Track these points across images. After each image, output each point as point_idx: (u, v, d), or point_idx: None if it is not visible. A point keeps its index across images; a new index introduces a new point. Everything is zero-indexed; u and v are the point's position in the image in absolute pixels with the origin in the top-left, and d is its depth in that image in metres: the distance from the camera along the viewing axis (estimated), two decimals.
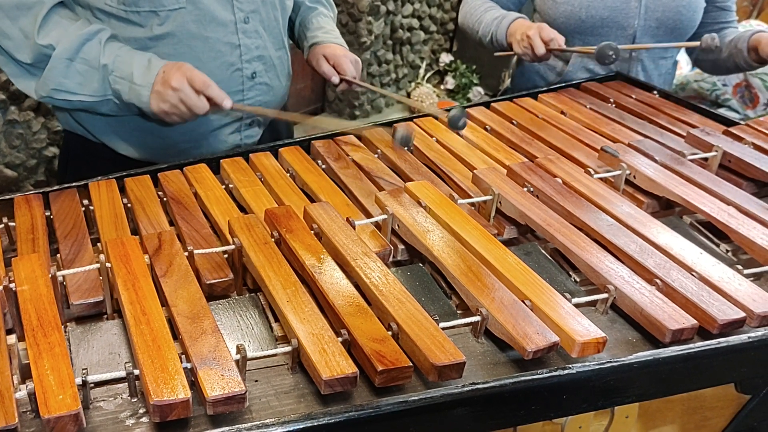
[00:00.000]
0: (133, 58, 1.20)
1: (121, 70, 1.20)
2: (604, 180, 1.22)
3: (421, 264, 1.01)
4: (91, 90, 1.21)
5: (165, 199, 1.15)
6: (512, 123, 1.52)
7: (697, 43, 1.59)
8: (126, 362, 0.75)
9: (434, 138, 1.43)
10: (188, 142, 1.39)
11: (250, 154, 1.31)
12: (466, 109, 1.35)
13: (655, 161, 1.26)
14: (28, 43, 1.18)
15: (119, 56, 1.20)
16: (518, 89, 1.91)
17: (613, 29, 1.75)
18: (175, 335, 0.79)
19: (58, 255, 1.00)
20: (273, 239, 0.97)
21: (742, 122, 1.49)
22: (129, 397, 0.75)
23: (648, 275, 0.94)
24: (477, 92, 4.57)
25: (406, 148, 1.32)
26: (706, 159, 1.31)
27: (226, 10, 1.29)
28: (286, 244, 0.96)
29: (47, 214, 1.09)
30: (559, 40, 1.63)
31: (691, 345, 0.85)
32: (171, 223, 1.10)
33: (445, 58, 4.69)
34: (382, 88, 4.34)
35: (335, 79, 1.49)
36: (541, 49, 1.62)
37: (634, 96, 1.68)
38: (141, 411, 0.74)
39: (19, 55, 1.19)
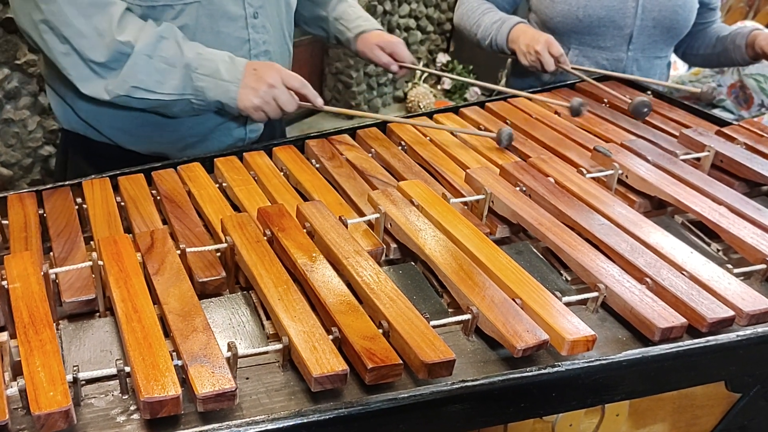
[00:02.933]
0: (215, 54, 1.22)
1: (206, 68, 1.21)
2: (596, 180, 1.23)
3: (413, 263, 1.02)
4: (170, 88, 1.21)
5: (158, 197, 1.16)
6: (506, 123, 1.53)
7: (697, 90, 1.67)
8: (117, 359, 0.75)
9: (428, 137, 1.44)
10: (196, 136, 1.40)
11: (244, 153, 1.31)
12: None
13: (648, 161, 1.26)
14: (103, 41, 1.16)
15: (201, 54, 1.21)
16: (513, 89, 1.91)
17: (609, 29, 1.76)
18: (167, 333, 0.79)
19: (51, 253, 1.00)
20: (265, 238, 0.97)
21: (735, 123, 1.50)
22: (120, 394, 0.75)
23: (638, 274, 0.95)
24: (474, 92, 4.57)
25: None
26: (698, 159, 1.32)
27: (237, 5, 1.31)
28: (279, 243, 0.96)
29: (40, 212, 1.09)
30: (565, 56, 1.66)
31: (681, 343, 0.86)
32: (164, 222, 1.11)
33: (442, 58, 4.70)
34: (379, 89, 4.35)
35: (394, 67, 1.57)
36: (551, 66, 1.65)
37: (627, 96, 1.68)
38: (132, 408, 0.74)
39: (93, 54, 1.17)
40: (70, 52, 1.18)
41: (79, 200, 1.13)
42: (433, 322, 0.84)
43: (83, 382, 0.75)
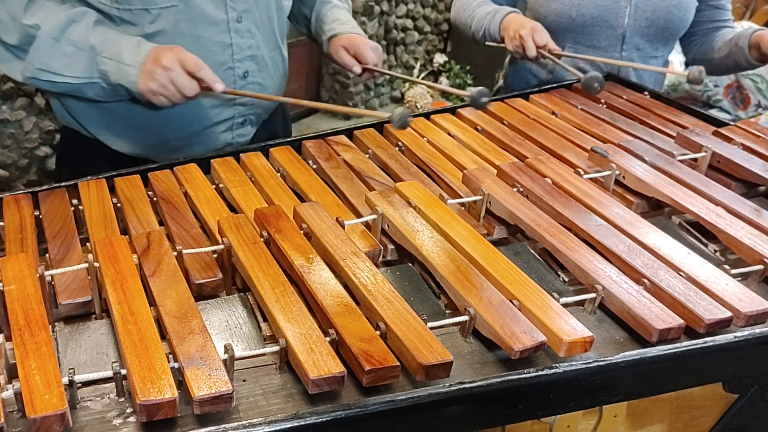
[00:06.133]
0: (121, 39, 1.21)
1: (110, 51, 1.19)
2: (593, 180, 1.23)
3: (410, 264, 1.01)
4: (78, 71, 1.20)
5: (155, 198, 1.15)
6: (503, 123, 1.53)
7: (685, 73, 1.56)
8: (113, 362, 0.75)
9: (425, 138, 1.44)
10: (181, 139, 1.39)
11: (241, 154, 1.31)
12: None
13: (645, 162, 1.26)
14: (15, 24, 1.18)
15: (108, 38, 1.20)
16: (511, 88, 1.91)
17: (603, 28, 1.75)
18: (163, 335, 0.79)
19: (47, 255, 0.99)
20: (262, 239, 0.97)
21: (732, 123, 1.50)
22: (116, 397, 0.75)
23: (636, 275, 0.95)
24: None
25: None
26: (695, 159, 1.32)
27: (219, 9, 1.29)
28: (276, 244, 0.96)
29: (36, 213, 1.09)
30: (550, 45, 1.64)
31: (678, 344, 0.86)
32: (161, 223, 1.10)
33: (439, 58, 4.70)
34: (377, 89, 4.35)
35: (357, 69, 1.48)
36: (532, 52, 1.63)
37: (624, 97, 1.68)
38: (128, 411, 0.74)
39: (6, 36, 1.20)
40: None
41: (75, 201, 1.12)
42: (431, 324, 0.84)
43: (79, 385, 0.74)
